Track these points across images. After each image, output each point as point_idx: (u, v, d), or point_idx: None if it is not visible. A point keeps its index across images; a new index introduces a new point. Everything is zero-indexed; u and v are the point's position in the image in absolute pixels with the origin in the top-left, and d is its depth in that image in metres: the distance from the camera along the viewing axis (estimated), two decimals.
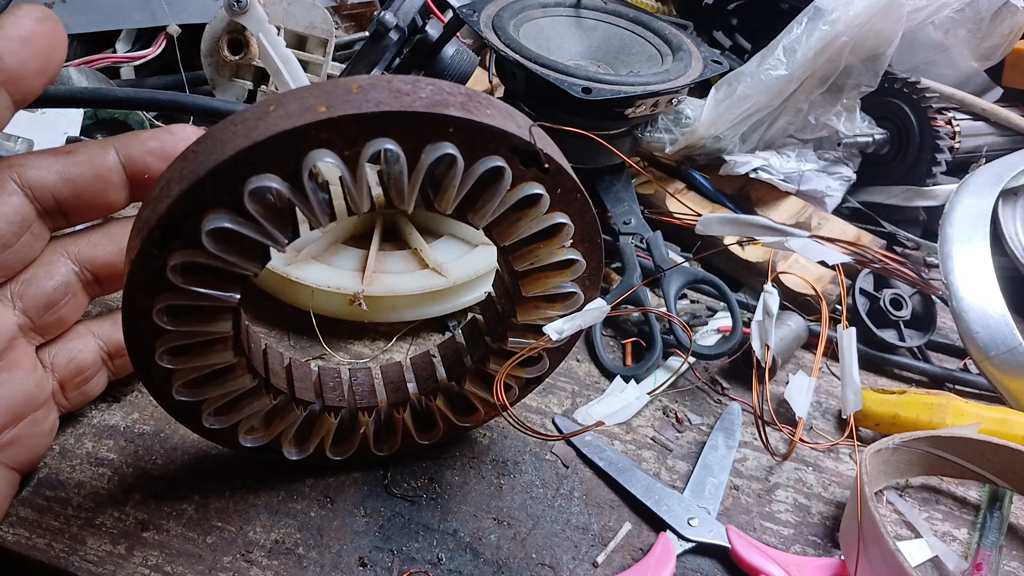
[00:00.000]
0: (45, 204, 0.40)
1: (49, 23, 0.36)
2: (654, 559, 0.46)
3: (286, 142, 0.31)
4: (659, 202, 0.77)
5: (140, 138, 0.41)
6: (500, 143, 0.35)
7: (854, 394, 0.54)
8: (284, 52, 0.73)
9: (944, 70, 0.89)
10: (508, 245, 0.39)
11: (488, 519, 0.48)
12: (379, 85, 0.33)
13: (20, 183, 0.38)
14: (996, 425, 0.54)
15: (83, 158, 0.40)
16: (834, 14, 0.71)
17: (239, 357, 0.39)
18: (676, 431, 0.56)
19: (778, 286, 0.68)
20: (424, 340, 0.61)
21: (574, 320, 0.43)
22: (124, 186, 0.41)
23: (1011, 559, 0.51)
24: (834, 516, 0.52)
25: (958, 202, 0.68)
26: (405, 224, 0.65)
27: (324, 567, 0.44)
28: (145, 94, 0.57)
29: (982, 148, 0.83)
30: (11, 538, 0.43)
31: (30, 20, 0.35)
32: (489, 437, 0.53)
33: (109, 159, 0.40)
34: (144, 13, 0.79)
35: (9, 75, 0.35)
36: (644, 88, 0.65)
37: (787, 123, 0.79)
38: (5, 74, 0.35)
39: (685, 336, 0.59)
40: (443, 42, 0.73)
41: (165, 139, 0.41)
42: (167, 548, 0.43)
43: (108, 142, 0.41)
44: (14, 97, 0.36)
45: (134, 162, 0.41)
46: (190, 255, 0.33)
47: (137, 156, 0.41)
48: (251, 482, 0.48)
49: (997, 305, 0.61)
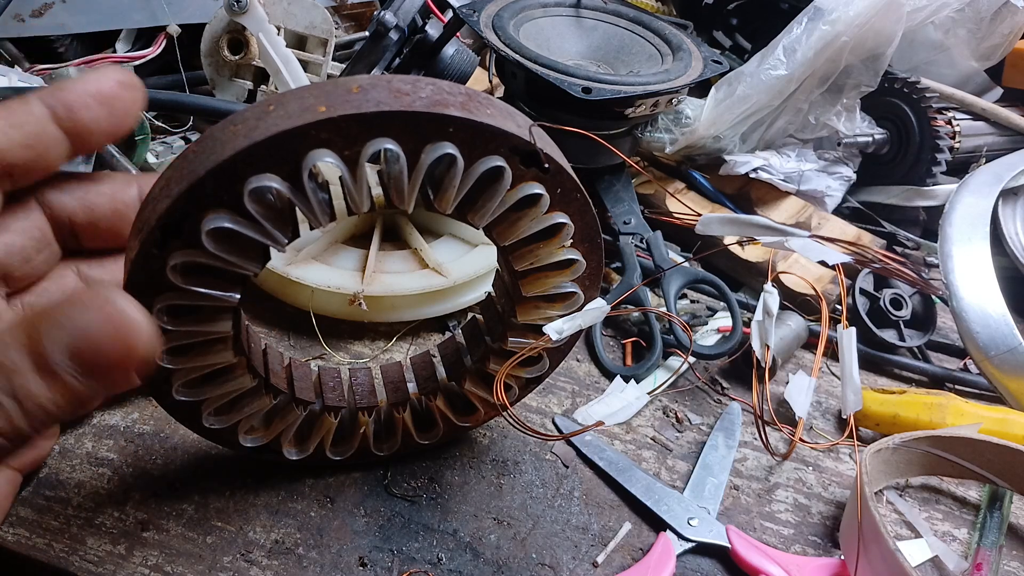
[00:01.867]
0: (61, 226, 0.40)
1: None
2: (654, 559, 0.46)
3: (286, 142, 0.31)
4: (659, 202, 0.77)
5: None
6: (500, 143, 0.35)
7: (854, 394, 0.54)
8: (284, 52, 0.73)
9: (944, 70, 0.89)
10: (508, 245, 0.39)
11: (488, 519, 0.48)
12: (379, 85, 0.33)
13: (42, 202, 0.39)
14: (996, 425, 0.54)
15: (106, 189, 0.40)
16: (834, 14, 0.71)
17: (239, 357, 0.39)
18: (676, 431, 0.56)
19: (778, 286, 0.68)
20: (424, 340, 0.61)
21: (574, 320, 0.43)
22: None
23: (1011, 559, 0.51)
24: (834, 516, 0.52)
25: (958, 202, 0.68)
26: (405, 224, 0.65)
27: (324, 567, 0.44)
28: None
29: (982, 148, 0.83)
30: (11, 538, 0.43)
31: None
32: (489, 437, 0.53)
33: (130, 195, 0.41)
34: (144, 13, 0.79)
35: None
36: (644, 88, 0.65)
37: (787, 123, 0.79)
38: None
39: (685, 336, 0.59)
40: (443, 42, 0.73)
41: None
42: (167, 548, 0.44)
43: (133, 178, 0.41)
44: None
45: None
46: (190, 255, 0.33)
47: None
48: (251, 482, 0.48)
49: (997, 305, 0.61)
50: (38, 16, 0.76)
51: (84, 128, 0.35)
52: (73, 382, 0.30)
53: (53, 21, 0.76)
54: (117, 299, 0.30)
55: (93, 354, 0.30)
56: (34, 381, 0.30)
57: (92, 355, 0.30)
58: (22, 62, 0.76)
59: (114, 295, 0.31)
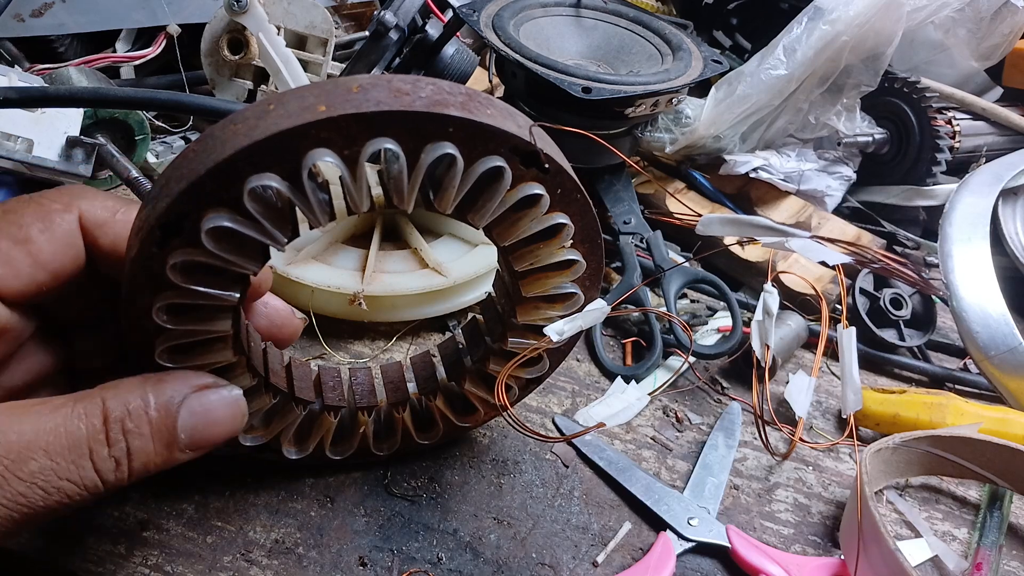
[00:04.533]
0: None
1: (237, 413, 0.38)
2: (654, 559, 0.46)
3: (286, 141, 0.31)
4: (659, 202, 0.77)
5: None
6: (500, 143, 0.35)
7: (854, 394, 0.54)
8: (284, 52, 0.73)
9: (944, 70, 0.89)
10: (508, 245, 0.39)
11: (488, 519, 0.48)
12: (379, 84, 0.33)
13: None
14: (996, 425, 0.54)
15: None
16: (834, 14, 0.71)
17: (239, 356, 0.39)
18: (676, 431, 0.56)
19: (778, 286, 0.68)
20: (424, 340, 0.61)
21: (574, 321, 0.43)
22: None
23: (1011, 559, 0.51)
24: (834, 516, 0.52)
25: (958, 202, 0.68)
26: (405, 224, 0.65)
27: (324, 567, 0.44)
28: (145, 94, 0.56)
29: (982, 148, 0.83)
30: None
31: (223, 403, 0.37)
32: (489, 437, 0.53)
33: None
34: (144, 13, 0.79)
35: (187, 444, 0.36)
36: (644, 88, 0.65)
37: (787, 123, 0.79)
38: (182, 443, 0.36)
39: (685, 336, 0.59)
40: (443, 42, 0.73)
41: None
42: (167, 548, 0.43)
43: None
44: (171, 455, 0.36)
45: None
46: (190, 254, 0.33)
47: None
48: (251, 482, 0.48)
49: (997, 305, 0.61)
50: (38, 16, 0.76)
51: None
52: (179, 454, 0.35)
53: (53, 21, 0.76)
54: (236, 391, 0.38)
55: (210, 435, 0.36)
56: (151, 446, 0.34)
57: (208, 436, 0.36)
58: (22, 62, 0.76)
59: (237, 390, 0.38)
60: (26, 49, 0.77)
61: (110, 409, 0.33)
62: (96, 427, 0.33)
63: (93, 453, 0.32)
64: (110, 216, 0.38)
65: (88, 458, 0.32)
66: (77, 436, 0.32)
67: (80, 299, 0.40)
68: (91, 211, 0.37)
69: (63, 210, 0.37)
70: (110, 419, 0.33)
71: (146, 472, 0.34)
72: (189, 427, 0.35)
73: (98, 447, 0.32)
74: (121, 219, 0.38)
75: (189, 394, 0.35)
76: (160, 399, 0.34)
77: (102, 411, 0.33)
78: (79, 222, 0.37)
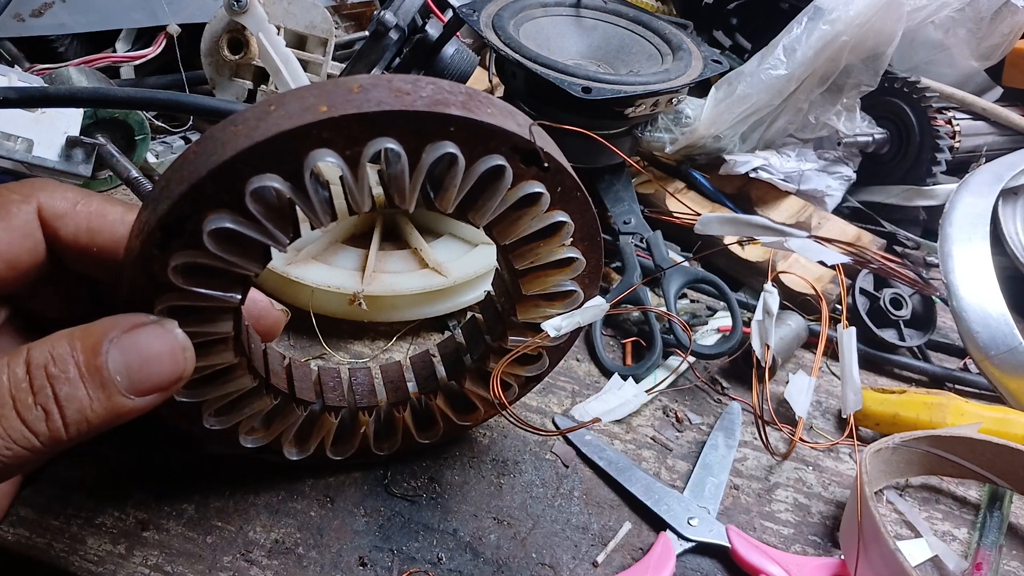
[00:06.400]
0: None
1: (176, 348, 0.35)
2: (654, 559, 0.46)
3: (287, 142, 0.31)
4: (659, 201, 0.77)
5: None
6: (500, 142, 0.35)
7: (854, 394, 0.55)
8: (284, 52, 0.73)
9: (944, 70, 0.89)
10: (508, 244, 0.39)
11: (488, 519, 0.48)
12: (380, 84, 0.33)
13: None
14: (996, 425, 0.54)
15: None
16: (834, 14, 0.71)
17: (240, 357, 0.39)
18: (676, 431, 0.56)
19: (778, 286, 0.68)
20: (424, 340, 0.61)
21: (573, 317, 0.43)
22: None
23: (1011, 559, 0.51)
24: (834, 516, 0.52)
25: (958, 202, 0.68)
26: (405, 223, 0.65)
27: (324, 567, 0.44)
28: (145, 94, 0.56)
29: (982, 148, 0.83)
30: (11, 538, 0.43)
31: (158, 339, 0.34)
32: (489, 437, 0.53)
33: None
34: (144, 13, 0.79)
35: (127, 387, 0.34)
36: (644, 88, 0.65)
37: (787, 123, 0.79)
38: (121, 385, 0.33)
39: (685, 336, 0.59)
40: (443, 42, 0.73)
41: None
42: (167, 548, 0.43)
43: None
44: (111, 401, 0.34)
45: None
46: (191, 255, 0.33)
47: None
48: (251, 482, 0.48)
49: (997, 305, 0.61)
50: (38, 16, 0.76)
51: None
52: (120, 398, 0.33)
53: (53, 21, 0.76)
54: (177, 330, 0.34)
55: (148, 375, 0.33)
56: (81, 391, 0.32)
57: (147, 376, 0.33)
58: (22, 62, 0.76)
59: (174, 326, 0.34)
60: (26, 49, 0.77)
61: (33, 356, 0.31)
62: (19, 375, 0.31)
63: (16, 402, 0.30)
64: (70, 207, 0.37)
65: (12, 408, 0.30)
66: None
67: (53, 294, 0.39)
68: (50, 202, 0.37)
69: (21, 201, 0.36)
70: (32, 365, 0.31)
71: (89, 425, 0.32)
72: (123, 367, 0.32)
73: (21, 395, 0.30)
74: (82, 210, 0.37)
75: (119, 335, 0.33)
76: (87, 341, 0.32)
77: (25, 359, 0.31)
78: (38, 213, 0.36)
